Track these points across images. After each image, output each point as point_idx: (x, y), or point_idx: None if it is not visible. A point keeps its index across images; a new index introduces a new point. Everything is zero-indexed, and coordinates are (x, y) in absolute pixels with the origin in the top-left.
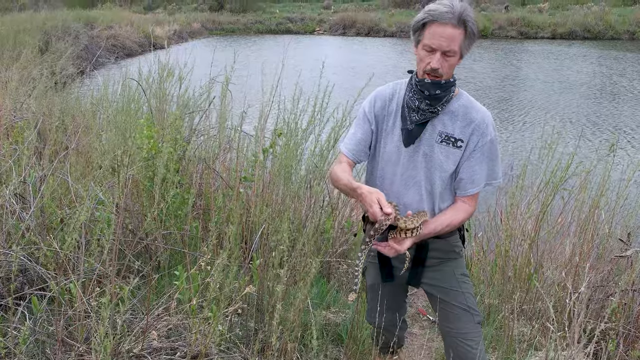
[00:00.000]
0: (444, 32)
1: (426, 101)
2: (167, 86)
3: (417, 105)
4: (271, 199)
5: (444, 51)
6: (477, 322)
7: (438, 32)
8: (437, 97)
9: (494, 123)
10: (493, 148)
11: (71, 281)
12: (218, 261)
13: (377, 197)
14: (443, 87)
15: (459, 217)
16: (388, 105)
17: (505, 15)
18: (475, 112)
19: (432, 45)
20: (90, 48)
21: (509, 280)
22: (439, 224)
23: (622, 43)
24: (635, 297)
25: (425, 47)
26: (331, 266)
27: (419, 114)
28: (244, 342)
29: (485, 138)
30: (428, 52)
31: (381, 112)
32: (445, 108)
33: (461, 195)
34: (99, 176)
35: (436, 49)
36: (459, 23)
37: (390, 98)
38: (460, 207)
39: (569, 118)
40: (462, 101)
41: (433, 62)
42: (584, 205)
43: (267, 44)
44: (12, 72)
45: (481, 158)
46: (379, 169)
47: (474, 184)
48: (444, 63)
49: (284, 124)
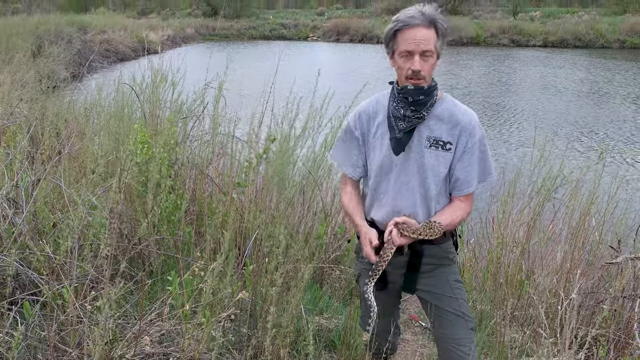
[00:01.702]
0: (417, 34)
1: (411, 108)
2: (160, 91)
3: (403, 114)
4: (264, 204)
5: (421, 52)
6: (470, 328)
7: (411, 35)
8: (421, 102)
9: (479, 122)
10: (482, 146)
11: (63, 286)
12: (212, 266)
13: (370, 237)
14: (426, 92)
15: (457, 216)
16: (373, 117)
17: (497, 22)
18: (460, 114)
19: (409, 48)
20: (84, 52)
21: (500, 286)
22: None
23: (612, 51)
24: (625, 303)
25: (402, 53)
26: (324, 272)
27: (406, 121)
28: (236, 347)
29: (474, 138)
30: (406, 58)
31: (367, 125)
32: (430, 112)
33: (457, 195)
34: (92, 181)
35: (413, 51)
36: (429, 23)
37: (375, 110)
38: (457, 206)
39: (559, 125)
40: (445, 104)
41: (414, 64)
42: (575, 212)
43: (261, 49)
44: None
45: (473, 158)
46: (372, 179)
47: (469, 184)
48: (423, 64)
49: (278, 128)
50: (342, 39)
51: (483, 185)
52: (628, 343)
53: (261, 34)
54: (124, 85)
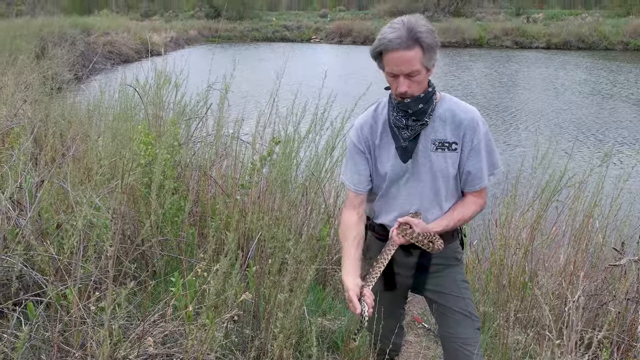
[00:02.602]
0: (399, 58)
1: (412, 118)
2: (163, 93)
3: (405, 123)
4: (268, 206)
5: (406, 74)
6: (476, 328)
7: (394, 59)
8: (422, 110)
9: (482, 117)
10: (488, 141)
11: (67, 287)
12: (216, 267)
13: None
14: (424, 99)
15: (470, 210)
16: (375, 128)
17: (500, 24)
18: (462, 113)
19: (393, 71)
20: (87, 54)
21: (503, 288)
22: (452, 220)
23: (615, 53)
24: (629, 305)
25: (389, 74)
26: (327, 273)
27: (409, 130)
28: (239, 349)
29: (478, 135)
30: (393, 78)
31: (371, 136)
32: (432, 116)
33: (469, 191)
34: (96, 182)
35: (397, 74)
36: (412, 43)
37: (376, 121)
38: (469, 201)
39: (562, 127)
40: (446, 104)
41: (400, 87)
42: (578, 214)
43: (264, 51)
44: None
45: (480, 155)
46: (382, 188)
47: (481, 180)
48: (411, 84)
49: (282, 129)
50: (344, 40)
51: (490, 180)
52: (632, 346)
53: (264, 36)
54: (127, 87)
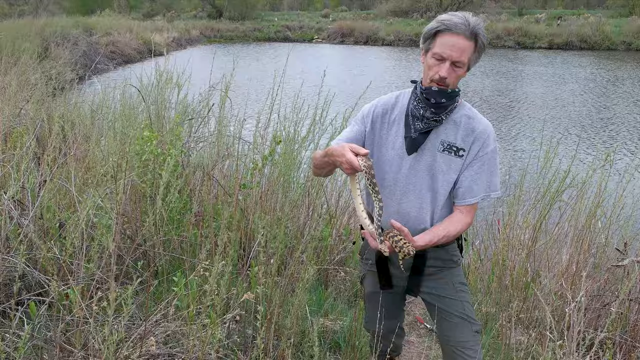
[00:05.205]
0: (456, 42)
1: (431, 109)
2: (166, 93)
3: (422, 114)
4: (270, 206)
5: (453, 61)
6: (475, 331)
7: (450, 41)
8: (442, 105)
9: (495, 135)
10: (493, 159)
11: (70, 287)
12: (217, 267)
13: (349, 146)
14: (449, 95)
15: (455, 228)
16: (390, 112)
17: (502, 24)
18: (477, 123)
19: (443, 54)
20: (89, 54)
21: (506, 289)
22: (435, 235)
23: (618, 53)
24: (632, 306)
25: (435, 56)
26: (329, 274)
27: (423, 122)
28: (241, 349)
29: (486, 148)
30: (437, 61)
31: (380, 118)
32: (448, 117)
33: (459, 205)
34: (98, 182)
35: (446, 58)
36: (471, 35)
37: (393, 106)
38: (456, 218)
39: (565, 127)
40: (464, 111)
41: (442, 70)
42: (581, 215)
43: (266, 51)
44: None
45: (481, 168)
46: (378, 176)
47: (473, 194)
48: (452, 73)
49: (284, 129)
50: (347, 40)
51: (484, 202)
52: (634, 347)
53: (266, 36)
54: (130, 87)
